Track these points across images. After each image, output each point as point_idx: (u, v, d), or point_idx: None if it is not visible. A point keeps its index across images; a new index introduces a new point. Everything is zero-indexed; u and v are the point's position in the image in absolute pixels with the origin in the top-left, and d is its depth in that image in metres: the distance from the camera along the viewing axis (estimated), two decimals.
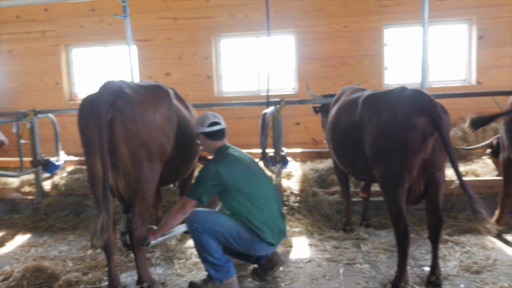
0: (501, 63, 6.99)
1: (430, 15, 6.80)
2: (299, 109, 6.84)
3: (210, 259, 3.16)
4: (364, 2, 7.22)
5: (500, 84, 6.55)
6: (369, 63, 7.31)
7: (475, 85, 7.11)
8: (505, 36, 6.96)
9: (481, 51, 7.06)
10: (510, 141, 3.74)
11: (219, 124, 3.33)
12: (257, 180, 3.27)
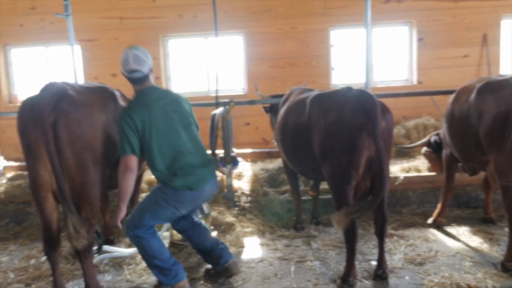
0: (440, 64, 7.35)
1: (373, 17, 7.02)
2: (250, 110, 6.87)
3: (156, 262, 3.11)
4: (311, 4, 7.36)
5: (439, 84, 6.87)
6: (316, 63, 7.47)
7: (416, 84, 7.43)
8: (443, 38, 7.32)
9: (421, 52, 7.39)
10: (451, 138, 3.94)
11: (138, 72, 3.10)
12: (169, 124, 3.11)
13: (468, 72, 7.11)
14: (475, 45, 7.30)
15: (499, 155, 3.24)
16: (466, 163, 4.08)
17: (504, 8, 7.24)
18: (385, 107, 3.29)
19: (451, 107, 3.84)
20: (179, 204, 3.12)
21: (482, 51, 7.30)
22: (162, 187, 3.14)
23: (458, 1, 7.23)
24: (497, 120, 3.22)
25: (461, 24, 7.28)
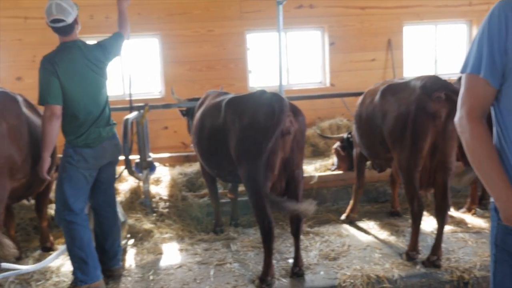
0: (350, 67, 7.73)
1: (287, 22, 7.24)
2: (167, 113, 6.75)
3: (81, 255, 3.12)
4: (227, 8, 7.40)
5: (350, 86, 7.22)
6: (234, 66, 7.52)
7: (329, 87, 7.76)
8: (352, 43, 7.72)
9: (333, 56, 7.73)
10: (360, 138, 4.16)
11: (62, 22, 3.15)
12: (84, 80, 3.22)
13: (376, 75, 7.56)
14: (381, 49, 7.79)
15: (401, 152, 3.47)
16: (374, 161, 4.34)
17: (405, 16, 7.81)
18: (297, 109, 3.39)
19: (359, 109, 4.06)
20: (82, 162, 3.19)
21: (387, 55, 7.80)
22: (64, 151, 3.24)
23: (365, 8, 7.66)
24: (398, 120, 3.45)
25: (368, 30, 7.73)
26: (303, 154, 3.44)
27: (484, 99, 1.64)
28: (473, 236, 3.99)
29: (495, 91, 1.62)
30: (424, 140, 3.32)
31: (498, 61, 1.57)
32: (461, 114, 1.68)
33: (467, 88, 1.67)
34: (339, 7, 7.60)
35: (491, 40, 1.57)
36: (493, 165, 1.61)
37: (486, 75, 1.59)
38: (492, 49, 1.57)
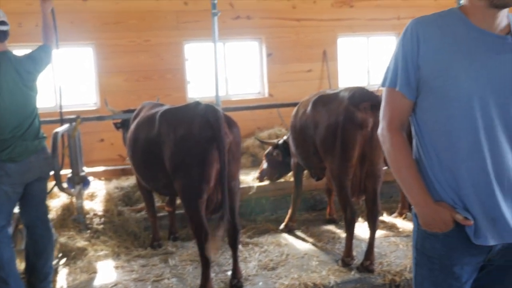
0: (288, 78, 7.88)
1: (225, 33, 7.29)
2: (103, 125, 6.52)
3: (1, 274, 2.96)
4: (163, 18, 7.31)
5: (288, 96, 7.33)
6: (172, 77, 7.43)
7: (267, 97, 7.85)
8: (289, 54, 7.88)
9: (271, 67, 7.85)
10: (296, 148, 4.23)
11: (5, 26, 3.11)
12: (7, 94, 3.08)
13: (312, 85, 7.75)
14: (317, 60, 8.01)
15: (332, 161, 3.58)
16: (310, 170, 4.43)
17: (339, 28, 8.10)
18: (231, 120, 3.41)
19: (293, 119, 4.15)
20: (5, 178, 3.03)
21: (323, 66, 8.04)
22: None
23: (300, 20, 7.86)
24: (328, 130, 3.56)
25: (304, 41, 7.93)
26: (239, 165, 3.46)
27: (401, 111, 1.73)
28: (404, 239, 4.18)
29: (412, 103, 1.71)
30: (353, 149, 3.45)
31: (412, 75, 1.66)
32: (382, 126, 1.76)
33: (386, 101, 1.76)
34: (275, 18, 7.74)
35: (405, 56, 1.66)
36: (411, 173, 1.69)
37: (402, 89, 1.68)
38: (407, 64, 1.66)
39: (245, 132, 7.51)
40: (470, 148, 1.60)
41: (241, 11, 7.55)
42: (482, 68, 1.58)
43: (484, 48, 1.60)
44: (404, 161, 1.70)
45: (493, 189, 1.60)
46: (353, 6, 8.07)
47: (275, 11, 7.71)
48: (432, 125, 1.68)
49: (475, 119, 1.59)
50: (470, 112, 1.59)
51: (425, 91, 1.66)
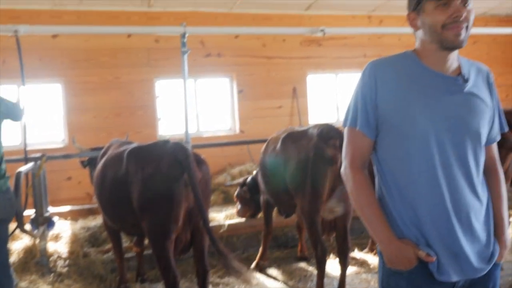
0: (259, 114, 7.95)
1: (196, 70, 7.37)
2: (71, 163, 6.37)
3: None
4: (134, 55, 7.34)
5: (259, 132, 7.37)
6: (142, 113, 7.40)
7: (239, 133, 7.88)
8: (259, 91, 7.98)
9: (242, 103, 7.92)
10: (265, 185, 4.22)
11: None
12: None
13: (283, 121, 7.84)
14: (287, 97, 8.14)
15: (303, 198, 3.58)
16: (279, 207, 4.41)
17: (309, 66, 8.30)
18: (200, 158, 3.39)
19: (263, 156, 4.16)
20: None
21: (293, 102, 8.16)
22: None
23: (270, 58, 8.03)
24: (299, 166, 3.58)
25: (274, 78, 8.07)
26: (208, 203, 3.42)
27: (363, 150, 1.76)
28: (375, 276, 4.15)
29: (372, 142, 1.75)
30: (323, 185, 3.47)
31: (371, 115, 1.71)
32: (345, 165, 1.79)
33: (348, 140, 1.79)
34: (246, 56, 7.88)
35: (364, 96, 1.72)
36: (374, 211, 1.71)
37: (362, 128, 1.72)
38: (366, 104, 1.71)
39: (216, 168, 7.49)
40: (429, 184, 1.64)
41: (212, 49, 7.66)
42: (437, 108, 1.65)
43: (437, 88, 1.67)
44: (367, 199, 1.72)
45: (452, 225, 1.64)
46: (321, 45, 8.30)
47: (245, 49, 7.85)
48: (392, 162, 1.72)
49: (433, 156, 1.64)
50: (427, 150, 1.64)
51: (384, 129, 1.71)
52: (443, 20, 1.60)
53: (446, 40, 1.62)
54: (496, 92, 1.82)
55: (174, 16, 7.34)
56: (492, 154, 1.85)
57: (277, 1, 7.47)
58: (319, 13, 8.19)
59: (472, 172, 1.68)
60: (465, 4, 1.61)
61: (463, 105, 1.67)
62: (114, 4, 7.04)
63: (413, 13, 1.71)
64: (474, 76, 1.74)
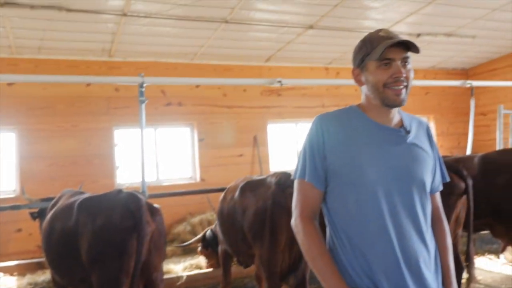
0: (220, 162, 7.95)
1: (156, 118, 7.37)
2: (21, 214, 6.04)
3: None
4: (94, 103, 7.27)
5: (220, 180, 7.30)
6: (99, 162, 7.23)
7: (199, 182, 7.81)
8: (220, 139, 8.02)
9: (203, 151, 7.91)
10: (223, 234, 4.13)
11: None
12: None
13: (244, 169, 7.85)
14: (248, 145, 8.20)
15: (261, 247, 3.52)
16: (238, 257, 4.32)
17: (269, 115, 8.46)
18: (154, 208, 3.30)
19: (221, 205, 4.11)
20: None
21: (254, 150, 8.22)
22: None
23: (231, 107, 8.14)
24: (257, 215, 3.54)
25: (235, 127, 8.15)
26: (162, 255, 3.29)
27: (312, 201, 1.77)
28: None
29: (321, 193, 1.77)
30: (281, 234, 3.43)
31: (319, 166, 1.74)
32: (295, 216, 1.78)
33: (298, 192, 1.80)
34: (206, 105, 7.96)
35: (312, 149, 1.76)
36: (325, 261, 1.69)
37: (310, 179, 1.74)
38: (314, 156, 1.74)
39: (176, 217, 7.34)
40: (379, 233, 1.66)
41: (172, 98, 7.70)
42: (383, 158, 1.70)
43: (382, 140, 1.73)
44: (318, 250, 1.71)
45: (402, 273, 1.64)
46: (281, 95, 8.51)
47: (206, 98, 7.94)
48: (342, 212, 1.73)
49: (381, 205, 1.66)
50: (375, 199, 1.67)
51: (333, 180, 1.74)
52: (384, 79, 1.69)
53: (388, 99, 1.70)
54: (436, 144, 1.90)
55: (135, 66, 7.40)
56: (436, 203, 1.90)
57: (238, 53, 7.68)
58: (278, 65, 8.46)
59: (420, 220, 1.71)
60: (405, 64, 1.70)
61: (407, 155, 1.73)
62: (74, 54, 7.03)
63: (357, 69, 1.80)
64: (415, 128, 1.82)
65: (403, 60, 1.69)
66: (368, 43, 1.72)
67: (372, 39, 1.72)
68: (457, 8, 6.60)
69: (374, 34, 1.74)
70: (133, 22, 5.98)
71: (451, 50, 8.74)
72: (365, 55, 1.73)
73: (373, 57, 1.69)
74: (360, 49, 1.76)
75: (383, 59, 1.67)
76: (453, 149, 9.96)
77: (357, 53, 1.78)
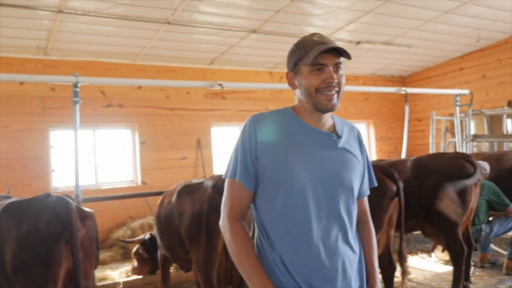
0: (162, 165, 7.81)
1: (96, 120, 7.13)
2: None
3: None
4: (27, 103, 6.91)
5: (162, 184, 7.21)
6: (33, 165, 6.88)
7: (140, 185, 7.63)
8: (163, 142, 7.88)
9: (144, 154, 7.73)
10: (161, 239, 4.04)
11: None
12: None
13: (187, 173, 7.76)
14: (191, 148, 8.11)
15: (198, 251, 3.49)
16: (176, 262, 4.25)
17: (213, 118, 8.41)
18: (85, 213, 3.18)
19: (158, 209, 4.02)
20: None
21: (197, 153, 8.15)
22: None
23: (174, 109, 8.02)
24: (193, 219, 3.50)
25: (178, 129, 8.04)
26: (93, 262, 3.18)
27: (241, 201, 1.77)
28: None
29: (251, 193, 1.77)
30: (218, 237, 3.41)
31: (250, 167, 1.73)
32: (223, 215, 1.78)
33: (227, 192, 1.80)
34: (148, 107, 7.79)
35: (244, 149, 1.75)
36: (251, 261, 1.70)
37: (241, 179, 1.74)
38: (245, 156, 1.74)
39: (116, 222, 7.13)
40: (304, 235, 1.68)
41: (112, 99, 7.48)
42: (313, 161, 1.72)
43: (313, 143, 1.75)
44: (244, 250, 1.71)
45: (327, 275, 1.67)
46: (225, 98, 8.50)
47: (148, 100, 7.78)
48: (270, 213, 1.74)
49: (308, 208, 1.69)
50: (303, 201, 1.69)
51: (263, 181, 1.74)
52: (316, 84, 1.71)
53: (320, 104, 1.72)
54: (366, 150, 1.95)
55: (73, 65, 7.12)
56: (364, 207, 1.95)
57: (181, 55, 7.59)
58: (223, 68, 8.45)
59: (345, 224, 1.76)
60: (337, 70, 1.73)
61: (337, 159, 1.76)
62: (6, 50, 6.66)
63: (291, 73, 1.81)
64: (347, 133, 1.86)
65: (336, 65, 1.72)
66: (302, 47, 1.74)
67: (306, 44, 1.74)
68: (394, 18, 6.89)
69: (307, 38, 1.76)
70: (70, 20, 5.75)
71: (389, 58, 9.12)
72: (298, 59, 1.74)
73: (306, 62, 1.70)
74: (294, 53, 1.77)
75: (315, 64, 1.69)
76: (391, 153, 10.38)
77: (290, 56, 1.79)
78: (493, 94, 8.81)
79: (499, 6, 6.74)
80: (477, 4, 6.57)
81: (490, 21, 7.37)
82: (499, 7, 6.78)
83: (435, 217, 4.33)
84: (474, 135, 7.19)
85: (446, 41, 8.26)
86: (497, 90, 8.74)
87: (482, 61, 8.98)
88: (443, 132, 7.97)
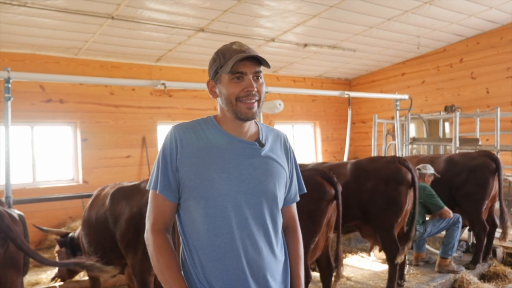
0: (105, 163, 7.59)
1: (34, 115, 6.83)
2: None
3: None
4: None
5: (104, 182, 6.87)
6: None
7: (82, 184, 7.38)
8: (106, 139, 7.66)
9: (86, 152, 7.49)
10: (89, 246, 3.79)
11: None
12: None
13: (131, 171, 7.60)
14: (136, 146, 7.94)
15: (135, 256, 3.40)
16: None
17: (159, 116, 8.27)
18: (13, 219, 3.03)
19: (88, 214, 3.80)
20: None
21: (142, 152, 7.98)
22: None
23: (119, 106, 7.81)
24: (130, 223, 3.41)
25: (123, 127, 7.84)
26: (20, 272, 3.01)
27: (164, 213, 1.74)
28: None
29: (174, 205, 1.74)
30: None
31: (172, 178, 1.71)
32: (147, 228, 1.74)
33: (151, 204, 1.76)
34: (91, 103, 7.55)
35: (165, 160, 1.72)
36: (173, 275, 1.66)
37: (162, 191, 1.71)
38: (166, 168, 1.71)
39: (55, 222, 6.87)
40: (227, 247, 1.67)
41: (53, 94, 7.17)
42: (234, 171, 1.70)
43: (235, 153, 1.74)
44: (167, 263, 1.68)
45: (249, 286, 1.67)
46: (172, 96, 8.38)
47: (91, 96, 7.53)
48: (192, 225, 1.72)
49: (230, 219, 1.67)
50: (224, 212, 1.67)
51: (185, 192, 1.71)
52: (236, 93, 1.69)
53: (240, 112, 1.70)
54: (294, 156, 1.95)
55: (10, 57, 6.77)
56: (292, 214, 1.95)
57: (126, 50, 7.40)
58: (170, 65, 8.32)
59: (270, 233, 1.75)
60: (257, 78, 1.73)
61: (259, 168, 1.75)
62: None
63: (212, 81, 1.79)
64: (272, 141, 1.85)
65: (255, 74, 1.71)
66: (221, 56, 1.72)
67: (225, 52, 1.72)
68: (339, 23, 7.05)
69: (227, 46, 1.75)
70: (5, 10, 5.45)
71: (336, 61, 9.33)
72: (218, 67, 1.72)
73: (225, 70, 1.69)
74: (214, 61, 1.75)
75: (235, 72, 1.68)
76: (336, 154, 10.63)
77: (211, 65, 1.77)
78: (431, 99, 9.24)
79: (438, 16, 7.07)
80: (417, 13, 6.85)
81: (429, 29, 7.71)
82: (438, 16, 7.11)
83: (372, 219, 4.48)
84: (412, 138, 7.49)
85: (389, 46, 8.56)
86: (435, 96, 9.17)
87: (422, 67, 9.38)
88: (384, 134, 8.25)
